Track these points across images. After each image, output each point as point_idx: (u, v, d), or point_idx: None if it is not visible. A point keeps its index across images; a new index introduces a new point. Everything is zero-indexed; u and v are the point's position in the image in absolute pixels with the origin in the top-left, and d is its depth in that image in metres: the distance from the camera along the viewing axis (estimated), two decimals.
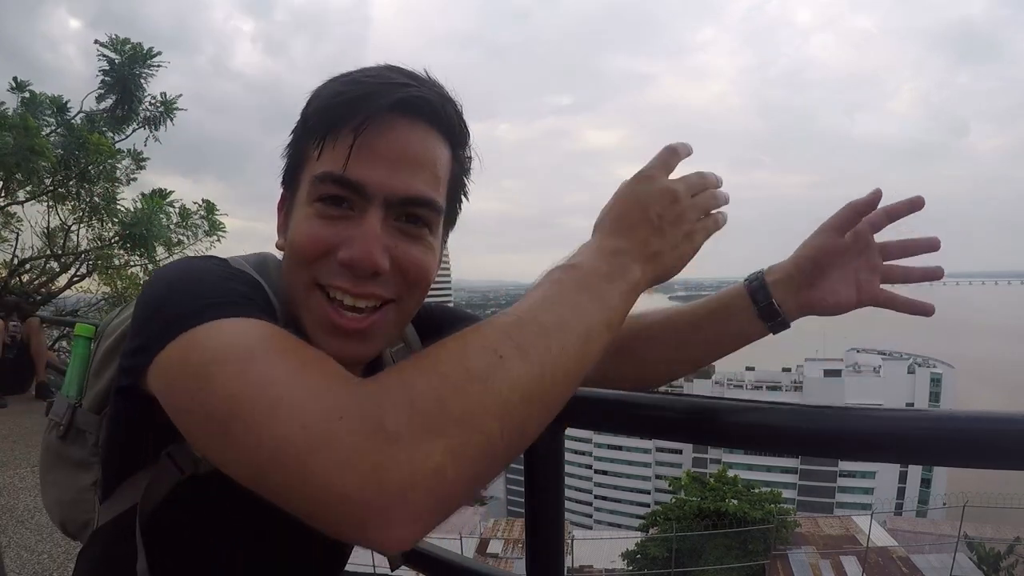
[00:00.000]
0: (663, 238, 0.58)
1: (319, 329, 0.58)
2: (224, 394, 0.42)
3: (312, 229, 0.56)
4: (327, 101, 0.56)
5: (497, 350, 0.43)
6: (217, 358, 0.44)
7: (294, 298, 0.60)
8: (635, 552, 17.60)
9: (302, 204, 0.58)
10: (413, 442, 0.38)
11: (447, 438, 0.39)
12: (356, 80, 0.57)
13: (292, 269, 0.59)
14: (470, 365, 0.42)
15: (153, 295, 0.53)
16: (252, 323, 0.47)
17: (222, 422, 0.42)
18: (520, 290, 12.76)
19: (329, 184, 0.55)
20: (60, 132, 7.10)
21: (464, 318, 0.84)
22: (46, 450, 0.71)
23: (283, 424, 0.39)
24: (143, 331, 0.51)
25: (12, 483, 3.09)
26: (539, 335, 0.46)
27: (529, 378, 0.43)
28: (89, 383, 0.68)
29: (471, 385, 0.41)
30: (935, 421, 0.57)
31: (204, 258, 0.59)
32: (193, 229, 7.79)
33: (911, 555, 16.43)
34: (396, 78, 0.57)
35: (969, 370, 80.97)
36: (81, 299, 8.55)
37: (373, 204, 0.55)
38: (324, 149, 0.56)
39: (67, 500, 0.68)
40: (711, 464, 44.07)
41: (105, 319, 0.73)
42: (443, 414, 0.40)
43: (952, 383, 57.43)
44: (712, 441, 0.69)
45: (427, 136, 0.58)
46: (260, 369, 0.42)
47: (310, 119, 0.58)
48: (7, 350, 4.84)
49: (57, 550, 2.36)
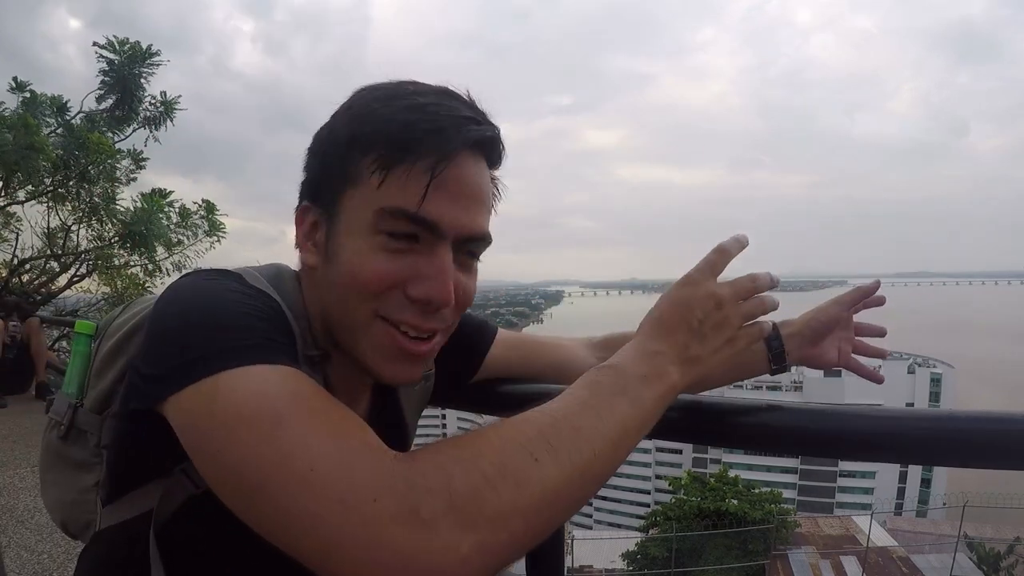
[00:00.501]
0: (703, 343, 0.59)
1: (382, 354, 0.58)
2: (253, 458, 0.43)
3: (379, 263, 0.55)
4: (395, 128, 0.54)
5: (533, 452, 0.45)
6: (244, 415, 0.45)
7: (346, 323, 0.59)
8: (635, 552, 17.59)
9: (357, 232, 0.56)
10: (446, 533, 0.41)
11: (478, 534, 0.41)
12: (424, 107, 0.55)
13: (349, 300, 0.57)
14: (507, 464, 0.44)
15: (170, 323, 0.52)
16: (279, 374, 0.48)
17: (250, 485, 0.43)
18: (520, 290, 12.81)
19: (399, 219, 0.54)
20: (60, 132, 7.10)
21: (472, 321, 0.85)
22: (46, 450, 0.70)
23: (317, 500, 0.41)
24: (161, 362, 0.51)
25: (12, 483, 3.09)
26: (573, 439, 0.48)
27: (559, 481, 0.45)
28: (91, 383, 0.67)
29: (506, 486, 0.43)
30: (935, 421, 0.57)
31: (220, 277, 0.57)
32: (193, 229, 7.80)
33: (911, 555, 16.41)
34: (462, 110, 0.57)
35: (969, 370, 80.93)
36: (81, 299, 8.55)
37: (444, 242, 0.56)
38: (389, 179, 0.54)
39: (68, 501, 0.67)
40: (711, 464, 44.06)
41: (107, 317, 0.72)
42: (478, 512, 0.42)
43: (952, 383, 57.37)
44: (712, 441, 0.69)
45: (484, 171, 0.59)
46: (290, 434, 0.43)
47: (364, 141, 0.55)
48: (7, 350, 4.84)
49: (57, 550, 2.36)
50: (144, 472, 0.59)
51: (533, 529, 0.44)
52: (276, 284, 0.60)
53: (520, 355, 0.86)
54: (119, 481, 0.60)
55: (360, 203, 0.56)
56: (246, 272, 0.60)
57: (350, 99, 0.61)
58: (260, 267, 0.64)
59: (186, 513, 0.58)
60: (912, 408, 0.60)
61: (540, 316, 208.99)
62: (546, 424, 0.48)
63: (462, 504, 0.41)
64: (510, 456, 0.45)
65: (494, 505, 0.42)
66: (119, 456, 0.60)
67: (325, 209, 0.60)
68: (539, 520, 0.45)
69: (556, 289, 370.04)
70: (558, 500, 0.46)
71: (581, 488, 0.47)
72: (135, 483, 0.59)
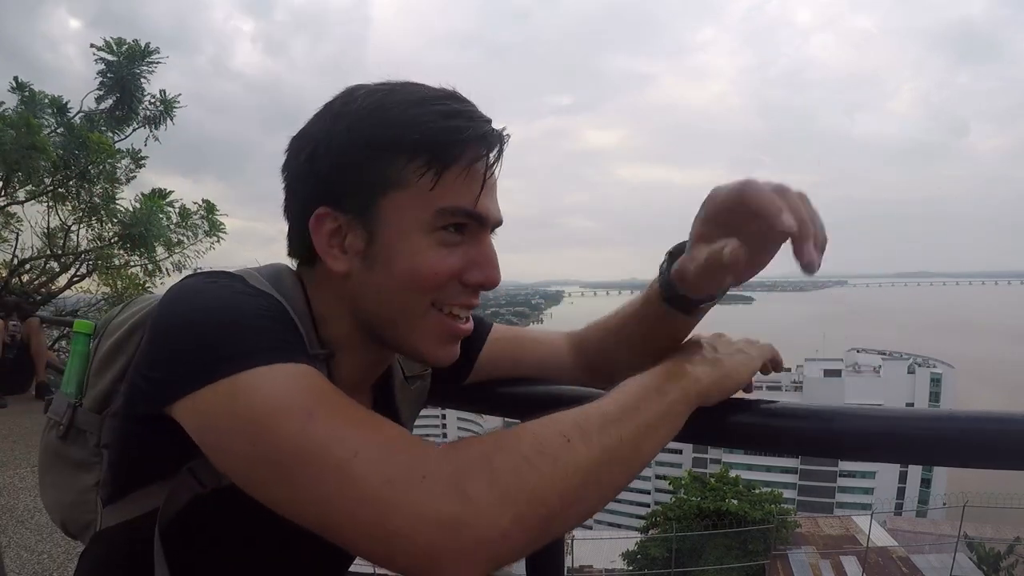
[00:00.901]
0: (720, 349, 0.68)
1: (437, 339, 0.63)
2: (290, 450, 0.45)
3: (441, 259, 0.60)
4: (442, 134, 0.58)
5: (565, 434, 0.50)
6: (271, 411, 0.47)
7: (401, 319, 0.62)
8: (635, 552, 17.59)
9: (416, 233, 0.59)
10: (489, 507, 0.44)
11: (517, 508, 0.45)
12: (459, 113, 0.59)
13: (409, 297, 0.61)
14: (544, 445, 0.48)
15: (176, 326, 0.53)
16: (299, 372, 0.50)
17: (288, 477, 0.46)
18: (520, 290, 12.77)
19: (460, 216, 0.60)
20: (60, 132, 7.10)
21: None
22: (45, 450, 0.70)
23: (363, 482, 0.44)
24: (169, 365, 0.52)
25: (12, 483, 3.09)
26: (602, 424, 0.52)
27: (590, 461, 0.49)
28: (90, 382, 0.67)
29: (544, 463, 0.47)
30: (935, 421, 0.57)
31: (223, 280, 0.58)
32: (193, 229, 7.79)
33: (911, 555, 16.41)
34: (481, 113, 0.62)
35: (969, 370, 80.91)
36: (81, 299, 8.55)
37: (487, 230, 0.63)
38: (442, 181, 0.58)
39: (68, 501, 0.66)
40: (711, 464, 44.06)
41: (106, 316, 0.72)
42: (518, 489, 0.46)
43: (952, 383, 57.35)
44: (712, 441, 0.69)
45: None
46: (324, 426, 0.46)
47: (410, 146, 0.58)
48: (7, 350, 4.84)
49: (57, 550, 2.36)
50: (147, 473, 0.59)
51: (568, 508, 0.48)
52: (277, 285, 0.61)
53: (512, 353, 0.86)
54: (121, 481, 0.60)
55: (411, 205, 0.59)
56: (247, 273, 0.60)
57: (356, 100, 0.60)
58: (260, 268, 0.65)
59: (191, 512, 0.58)
60: (912, 408, 0.61)
61: (540, 316, 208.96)
62: (577, 414, 0.53)
63: (503, 482, 0.45)
64: (546, 439, 0.49)
65: (532, 482, 0.46)
66: (121, 456, 0.60)
67: (356, 214, 0.60)
68: (571, 499, 0.48)
69: (556, 289, 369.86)
70: (589, 479, 0.49)
71: (609, 471, 0.51)
72: (138, 483, 0.59)
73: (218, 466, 0.51)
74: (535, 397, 0.81)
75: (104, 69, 7.16)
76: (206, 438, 0.50)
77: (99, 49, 7.05)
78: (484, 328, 0.85)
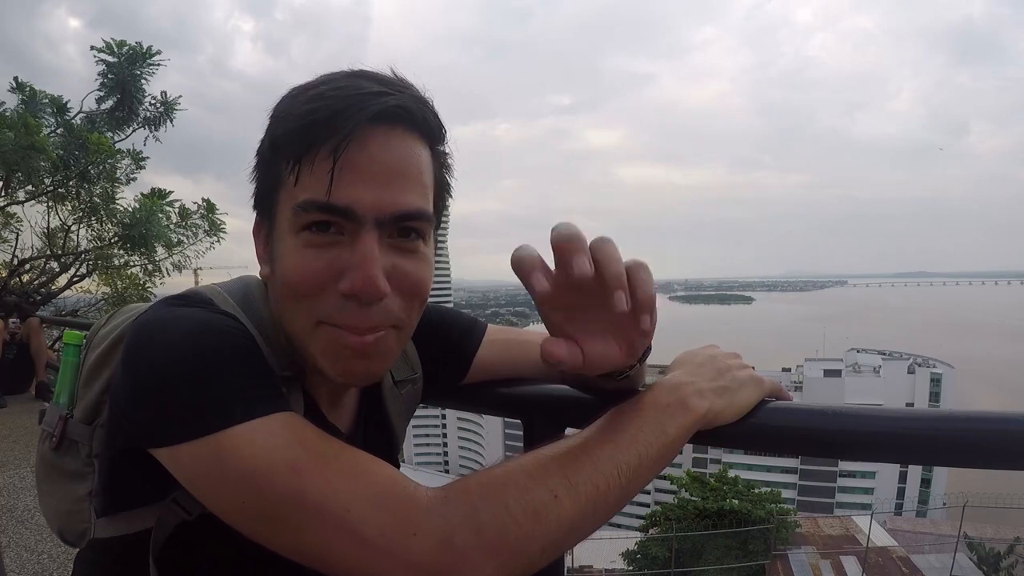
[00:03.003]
0: (730, 377, 0.63)
1: (331, 357, 0.57)
2: (283, 508, 0.47)
3: (304, 262, 0.54)
4: (297, 121, 0.53)
5: (553, 490, 0.49)
6: (259, 469, 0.47)
7: (294, 331, 0.58)
8: (635, 552, 17.58)
9: (285, 234, 0.55)
10: (476, 557, 0.46)
11: (501, 557, 0.47)
12: (324, 95, 0.53)
13: (289, 306, 0.57)
14: (529, 502, 0.48)
15: (147, 374, 0.51)
16: (279, 423, 0.50)
17: (282, 523, 0.47)
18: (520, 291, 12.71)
19: (314, 212, 0.53)
20: (60, 132, 7.10)
21: (460, 321, 0.84)
22: (40, 461, 0.70)
23: (357, 538, 0.46)
24: (146, 412, 0.50)
25: (12, 483, 3.09)
26: (592, 472, 0.51)
27: (576, 515, 0.50)
28: (79, 393, 0.67)
29: (527, 520, 0.48)
30: (935, 421, 0.57)
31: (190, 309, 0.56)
32: (193, 229, 7.79)
33: (911, 555, 16.41)
34: (367, 86, 0.53)
35: (969, 370, 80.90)
36: (81, 299, 8.55)
37: (365, 226, 0.53)
38: (301, 174, 0.53)
39: (64, 511, 0.66)
40: (711, 464, 44.05)
41: (94, 326, 0.72)
42: (502, 542, 0.47)
43: (952, 383, 57.35)
44: (712, 441, 0.69)
45: (408, 143, 0.55)
46: (314, 481, 0.47)
47: (279, 141, 0.55)
48: (7, 350, 4.84)
49: (57, 550, 2.36)
50: (136, 494, 0.58)
51: (549, 554, 0.50)
52: (245, 303, 0.61)
53: (509, 353, 0.85)
54: (112, 497, 0.60)
55: (286, 203, 0.55)
56: (214, 293, 0.60)
57: (277, 102, 0.59)
58: (228, 283, 0.64)
59: (180, 537, 0.58)
60: (912, 408, 0.60)
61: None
62: (568, 460, 0.52)
63: (489, 536, 0.47)
64: (532, 495, 0.49)
65: (516, 536, 0.47)
66: (110, 477, 0.59)
67: (267, 218, 0.59)
68: (554, 547, 0.50)
69: None
70: (574, 530, 0.50)
71: (594, 519, 0.51)
72: (127, 503, 0.59)
73: (212, 511, 0.50)
74: (535, 397, 0.81)
75: (104, 70, 7.16)
76: (195, 487, 0.50)
77: (100, 51, 7.05)
78: (479, 329, 0.84)
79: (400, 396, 0.79)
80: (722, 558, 15.87)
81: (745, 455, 43.93)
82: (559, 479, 0.50)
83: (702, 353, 0.67)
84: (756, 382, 0.65)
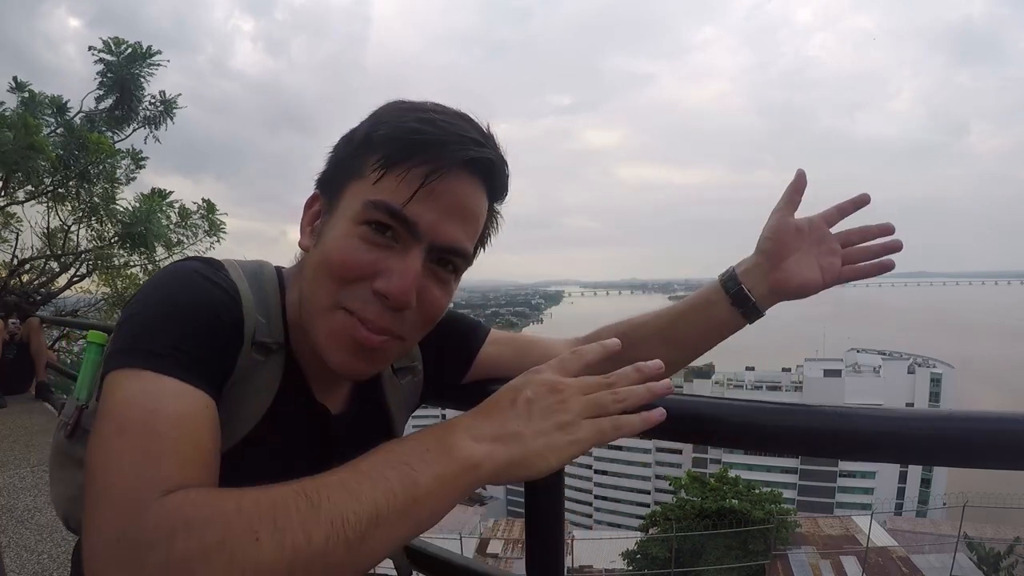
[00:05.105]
0: (527, 422, 0.55)
1: (336, 342, 0.60)
2: (94, 453, 0.48)
3: (353, 250, 0.58)
4: (402, 134, 0.58)
5: (255, 529, 0.42)
6: (109, 414, 0.49)
7: (310, 305, 0.61)
8: (635, 552, 17.60)
9: (345, 219, 0.59)
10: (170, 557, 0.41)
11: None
12: (433, 121, 0.58)
13: (320, 281, 0.60)
14: (228, 536, 0.42)
15: (132, 303, 0.57)
16: (153, 385, 0.50)
17: (88, 471, 0.48)
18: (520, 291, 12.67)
19: (383, 213, 0.57)
20: (60, 132, 7.10)
21: (465, 320, 0.85)
22: (55, 448, 0.74)
23: (98, 510, 0.45)
24: (114, 337, 0.55)
25: (12, 483, 3.08)
26: (309, 518, 0.43)
27: (275, 564, 0.42)
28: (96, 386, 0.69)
29: (219, 558, 0.41)
30: (935, 421, 0.57)
31: (194, 266, 0.60)
32: (193, 229, 7.79)
33: (911, 555, 16.43)
34: (469, 131, 0.60)
35: (969, 370, 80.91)
36: (81, 299, 8.55)
37: (418, 244, 0.58)
38: (386, 177, 0.57)
39: (70, 496, 0.71)
40: (711, 464, 44.06)
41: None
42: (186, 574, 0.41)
43: (952, 383, 57.32)
44: (712, 441, 0.69)
45: (479, 193, 0.62)
46: (118, 446, 0.47)
47: (376, 141, 0.59)
48: (7, 350, 4.84)
49: (57, 550, 2.36)
50: None
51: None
52: (252, 277, 0.64)
53: (512, 353, 0.86)
54: None
55: (357, 194, 0.59)
56: (229, 263, 0.64)
57: (379, 107, 0.64)
58: (246, 261, 0.68)
59: None
60: (912, 408, 0.60)
61: (540, 316, 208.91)
62: (287, 498, 0.44)
63: (174, 564, 0.41)
64: (232, 528, 0.42)
65: (201, 573, 0.41)
66: None
67: (329, 198, 0.63)
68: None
69: (556, 289, 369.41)
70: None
71: (307, 573, 0.43)
72: None
73: None
74: None
75: (103, 69, 7.16)
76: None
77: (99, 50, 7.05)
78: (482, 330, 0.85)
79: (400, 386, 0.79)
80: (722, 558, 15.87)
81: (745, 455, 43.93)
82: (266, 518, 0.43)
83: (510, 389, 0.58)
84: (576, 436, 0.55)
